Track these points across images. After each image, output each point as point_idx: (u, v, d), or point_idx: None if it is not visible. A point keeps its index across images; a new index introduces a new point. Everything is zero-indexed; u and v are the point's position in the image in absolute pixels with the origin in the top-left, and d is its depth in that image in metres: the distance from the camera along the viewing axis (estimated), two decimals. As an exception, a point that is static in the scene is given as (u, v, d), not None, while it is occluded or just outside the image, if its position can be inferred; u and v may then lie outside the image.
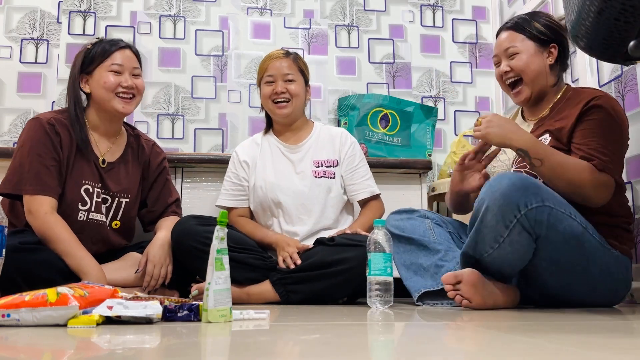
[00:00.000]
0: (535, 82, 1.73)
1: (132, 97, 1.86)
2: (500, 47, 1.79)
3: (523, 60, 1.73)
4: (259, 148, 2.12)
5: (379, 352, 0.77)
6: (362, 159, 2.12)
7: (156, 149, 2.05)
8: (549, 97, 1.77)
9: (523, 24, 1.76)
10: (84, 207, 1.80)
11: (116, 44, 1.87)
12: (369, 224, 1.97)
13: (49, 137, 1.75)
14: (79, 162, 1.80)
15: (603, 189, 1.56)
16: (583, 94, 1.69)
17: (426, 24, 2.93)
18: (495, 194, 1.44)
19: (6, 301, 1.03)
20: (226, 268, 1.14)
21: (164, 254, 1.82)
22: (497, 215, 1.43)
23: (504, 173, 1.51)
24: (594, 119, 1.61)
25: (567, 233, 1.45)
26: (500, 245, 1.45)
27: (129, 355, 0.75)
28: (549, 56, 1.74)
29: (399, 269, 1.76)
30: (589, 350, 0.78)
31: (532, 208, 1.42)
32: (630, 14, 1.14)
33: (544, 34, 1.74)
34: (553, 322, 1.18)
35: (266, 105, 2.10)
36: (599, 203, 1.56)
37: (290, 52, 2.13)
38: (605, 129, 1.60)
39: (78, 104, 1.83)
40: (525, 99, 1.76)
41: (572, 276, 1.52)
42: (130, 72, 1.86)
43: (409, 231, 1.79)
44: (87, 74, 1.85)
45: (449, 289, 1.49)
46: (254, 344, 0.87)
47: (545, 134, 1.68)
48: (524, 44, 1.74)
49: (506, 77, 1.78)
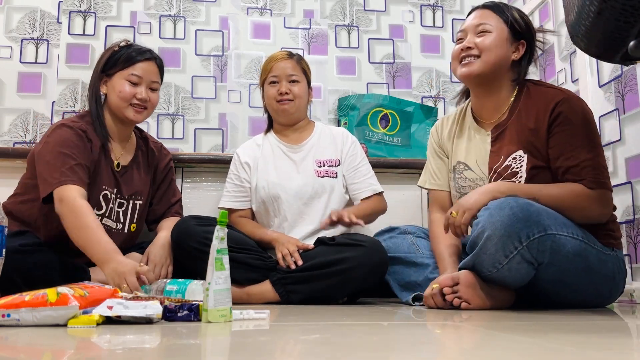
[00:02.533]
0: (491, 66, 1.61)
1: (145, 109, 1.87)
2: (471, 23, 1.66)
3: (490, 40, 1.60)
4: (260, 149, 2.12)
5: (379, 352, 0.77)
6: (364, 157, 2.12)
7: (164, 151, 2.09)
8: (502, 94, 1.66)
9: (502, 8, 1.67)
10: (99, 212, 1.81)
11: (143, 53, 1.87)
12: (365, 212, 1.97)
13: (83, 140, 1.75)
14: (99, 167, 1.82)
15: (604, 205, 1.53)
16: (545, 97, 1.59)
17: (426, 24, 2.93)
18: (496, 224, 1.39)
19: (6, 301, 1.03)
20: (226, 268, 1.14)
21: (164, 254, 1.82)
22: (497, 245, 1.40)
23: (505, 200, 1.43)
24: (566, 130, 1.54)
25: (570, 254, 1.43)
26: (499, 270, 1.43)
27: (129, 355, 0.75)
28: (516, 51, 1.65)
29: (395, 289, 1.77)
30: (588, 350, 0.78)
31: (534, 239, 1.38)
32: (630, 14, 1.14)
33: (519, 25, 1.65)
34: (553, 322, 1.18)
35: (270, 106, 2.10)
36: (605, 219, 1.54)
37: (294, 53, 2.13)
38: (581, 136, 1.54)
39: (99, 103, 1.86)
40: (472, 73, 1.61)
41: (575, 288, 1.52)
42: (147, 85, 1.86)
43: (394, 250, 1.80)
44: (107, 75, 1.86)
45: (448, 291, 1.49)
46: (254, 344, 0.87)
47: (520, 151, 1.58)
48: (497, 25, 1.63)
49: (466, 52, 1.63)
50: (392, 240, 1.84)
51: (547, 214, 1.42)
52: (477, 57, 1.62)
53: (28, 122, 2.59)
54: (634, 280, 1.94)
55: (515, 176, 1.59)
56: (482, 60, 1.61)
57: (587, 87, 2.20)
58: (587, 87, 2.20)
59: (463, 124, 1.79)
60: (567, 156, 1.54)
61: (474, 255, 1.46)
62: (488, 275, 1.46)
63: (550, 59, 2.50)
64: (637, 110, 1.95)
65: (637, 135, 1.95)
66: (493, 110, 1.69)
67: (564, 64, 2.39)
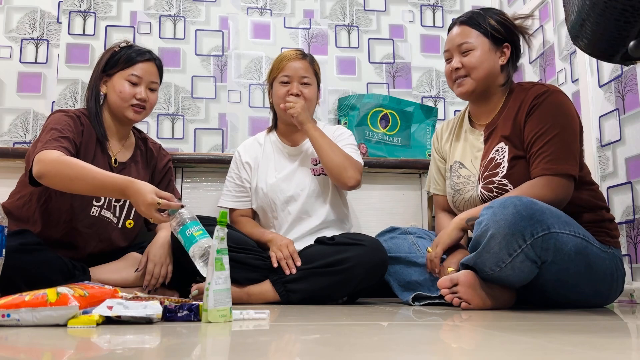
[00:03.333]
0: (482, 81, 1.69)
1: (143, 109, 1.88)
2: (453, 42, 1.73)
3: (476, 57, 1.68)
4: (261, 148, 2.11)
5: (378, 352, 0.77)
6: (351, 142, 2.07)
7: (162, 152, 2.09)
8: (495, 98, 1.74)
9: (478, 19, 1.71)
10: (98, 202, 1.83)
11: (142, 54, 1.89)
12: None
13: (74, 121, 1.77)
14: (96, 159, 1.82)
15: (554, 190, 1.55)
16: (527, 92, 1.66)
17: (426, 24, 2.93)
18: (500, 222, 1.40)
19: (6, 301, 1.03)
20: (226, 268, 1.14)
21: (164, 254, 1.83)
22: (500, 244, 1.41)
23: (508, 199, 1.44)
24: (535, 117, 1.60)
25: (572, 252, 1.44)
26: (502, 269, 1.44)
27: (129, 355, 0.75)
28: (502, 56, 1.71)
29: (396, 290, 1.79)
30: (589, 350, 0.78)
31: (538, 237, 1.39)
32: (630, 14, 1.14)
33: (498, 32, 1.69)
34: (553, 322, 1.18)
35: (278, 105, 2.07)
36: (562, 205, 1.55)
37: (307, 54, 2.10)
38: (549, 123, 1.58)
39: (97, 101, 1.88)
40: (467, 92, 1.71)
41: (575, 286, 1.52)
42: (147, 85, 1.88)
43: (394, 250, 1.82)
44: (107, 75, 1.88)
45: (446, 292, 1.49)
46: (254, 344, 0.87)
47: (501, 142, 1.66)
48: (478, 40, 1.69)
49: (456, 74, 1.72)
50: (393, 240, 1.85)
51: (550, 212, 1.43)
52: (467, 76, 1.71)
53: (28, 122, 2.59)
54: (634, 280, 1.94)
55: (498, 167, 1.66)
56: (472, 79, 1.70)
57: (587, 87, 2.20)
58: (587, 87, 2.20)
59: (461, 128, 1.87)
60: (532, 142, 1.60)
61: (476, 254, 1.46)
62: (490, 274, 1.46)
63: (550, 59, 2.50)
64: (637, 110, 1.95)
65: (637, 135, 1.95)
66: (487, 113, 1.77)
67: (564, 64, 2.39)
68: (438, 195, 1.95)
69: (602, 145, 2.12)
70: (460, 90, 1.73)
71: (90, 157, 1.81)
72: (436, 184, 1.95)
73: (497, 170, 1.65)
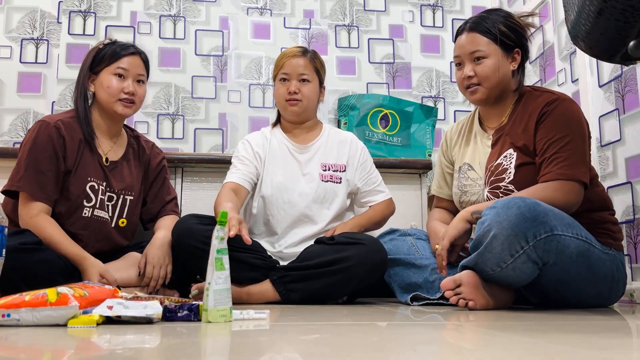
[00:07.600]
0: (495, 89, 1.70)
1: (133, 103, 1.88)
2: (464, 50, 1.71)
3: (489, 67, 1.67)
4: (268, 143, 2.09)
5: (378, 352, 0.77)
6: (372, 163, 2.14)
7: (156, 149, 2.08)
8: (506, 102, 1.75)
9: (487, 25, 1.69)
10: (89, 203, 1.82)
11: (127, 48, 1.89)
12: (372, 220, 1.99)
13: (52, 142, 1.76)
14: (85, 160, 1.83)
15: (568, 194, 1.55)
16: (538, 100, 1.66)
17: (426, 24, 2.93)
18: (503, 223, 1.40)
19: (6, 301, 1.03)
20: (226, 268, 1.14)
21: (163, 255, 1.82)
22: (503, 244, 1.40)
23: (512, 199, 1.44)
24: (547, 125, 1.60)
25: (573, 254, 1.44)
26: (503, 269, 1.43)
27: (129, 355, 0.75)
28: (513, 62, 1.71)
29: (397, 292, 1.79)
30: (589, 350, 0.78)
31: (540, 239, 1.39)
32: (630, 14, 1.14)
33: (509, 38, 1.68)
34: (553, 322, 1.18)
35: (279, 103, 2.08)
36: (572, 209, 1.55)
37: (309, 50, 2.09)
38: (561, 130, 1.58)
39: (86, 100, 1.88)
40: (480, 100, 1.73)
41: (576, 287, 1.52)
42: (134, 78, 1.88)
43: (394, 252, 1.82)
44: (94, 73, 1.88)
45: (450, 294, 1.49)
46: (254, 344, 0.87)
47: (510, 149, 1.67)
48: (489, 48, 1.68)
49: (468, 82, 1.71)
50: (393, 242, 1.85)
51: (553, 214, 1.43)
52: (479, 84, 1.70)
53: (28, 122, 2.59)
54: (634, 280, 1.94)
55: (505, 172, 1.66)
56: (485, 87, 1.70)
57: (587, 87, 2.20)
58: (587, 87, 2.20)
59: (471, 130, 1.87)
60: (545, 148, 1.60)
61: (478, 254, 1.46)
62: (490, 274, 1.46)
63: (550, 59, 2.50)
64: (637, 110, 1.95)
65: (637, 135, 1.95)
66: (497, 116, 1.78)
67: (564, 64, 2.39)
68: (441, 198, 1.96)
69: (602, 145, 2.12)
70: (473, 98, 1.73)
71: (78, 160, 1.81)
72: (439, 187, 1.96)
73: (503, 175, 1.66)
